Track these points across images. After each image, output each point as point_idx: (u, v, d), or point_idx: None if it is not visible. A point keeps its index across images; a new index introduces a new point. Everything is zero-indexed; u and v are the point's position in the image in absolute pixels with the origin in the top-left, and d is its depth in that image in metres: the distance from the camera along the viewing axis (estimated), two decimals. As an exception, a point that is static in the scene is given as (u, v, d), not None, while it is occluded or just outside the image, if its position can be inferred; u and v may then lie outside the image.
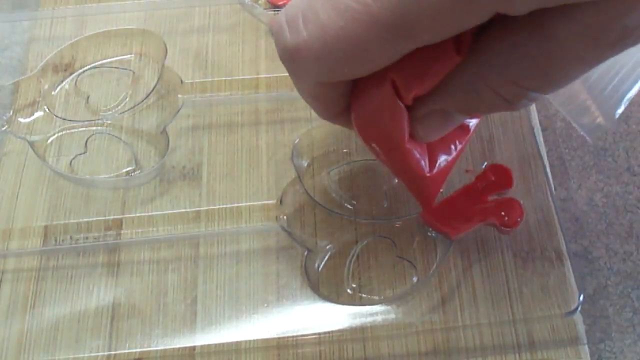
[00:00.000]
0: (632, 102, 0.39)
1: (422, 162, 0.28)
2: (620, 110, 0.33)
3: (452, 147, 0.29)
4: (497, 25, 0.22)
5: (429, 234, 0.34)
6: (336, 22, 0.21)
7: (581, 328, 0.32)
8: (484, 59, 0.23)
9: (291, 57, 0.24)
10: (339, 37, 0.22)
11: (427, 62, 0.24)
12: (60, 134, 0.37)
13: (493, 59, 0.23)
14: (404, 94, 0.25)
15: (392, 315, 0.32)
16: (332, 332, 0.32)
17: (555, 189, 0.36)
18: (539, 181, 0.35)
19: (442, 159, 0.29)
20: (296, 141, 0.35)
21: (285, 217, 0.34)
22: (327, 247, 0.34)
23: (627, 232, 0.35)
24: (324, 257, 0.33)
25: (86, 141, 0.37)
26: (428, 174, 0.28)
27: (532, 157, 0.36)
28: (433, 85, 0.25)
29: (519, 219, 0.33)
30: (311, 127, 0.36)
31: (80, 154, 0.37)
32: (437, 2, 0.20)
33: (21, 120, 0.37)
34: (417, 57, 0.23)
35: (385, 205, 0.35)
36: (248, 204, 0.35)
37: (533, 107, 0.38)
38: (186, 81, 0.38)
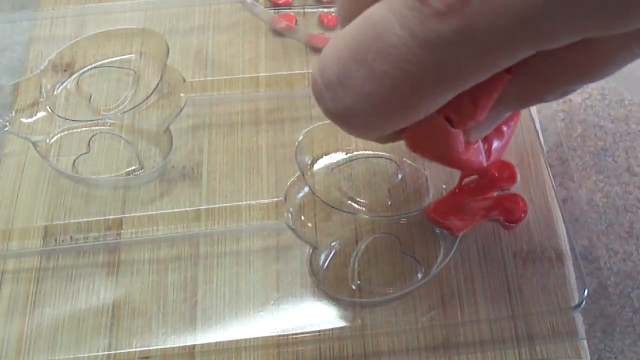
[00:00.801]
0: (632, 103, 0.39)
1: (480, 158, 0.28)
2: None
3: (505, 128, 0.29)
4: None
5: (434, 230, 0.34)
6: (378, 90, 0.20)
7: (581, 328, 0.32)
8: (531, 71, 0.23)
9: (336, 120, 0.23)
10: (382, 103, 0.21)
11: (478, 91, 0.23)
12: (62, 134, 0.38)
13: (540, 70, 0.23)
14: (459, 126, 0.25)
15: (393, 312, 0.32)
16: (333, 329, 0.32)
17: (555, 189, 0.36)
18: (539, 181, 0.35)
19: (497, 144, 0.29)
20: (300, 139, 0.35)
21: (290, 214, 0.34)
22: (332, 244, 0.34)
23: (627, 232, 0.35)
24: (329, 254, 0.34)
25: (89, 141, 0.37)
26: (486, 164, 0.29)
27: (532, 157, 0.36)
28: (487, 111, 0.24)
29: (522, 214, 0.33)
30: (314, 126, 0.36)
31: (83, 154, 0.37)
32: (477, 59, 0.19)
33: (23, 120, 0.37)
34: (468, 89, 0.22)
35: (388, 202, 0.35)
36: (248, 202, 0.35)
37: (533, 107, 0.38)
38: (188, 80, 0.38)
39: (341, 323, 0.32)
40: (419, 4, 0.18)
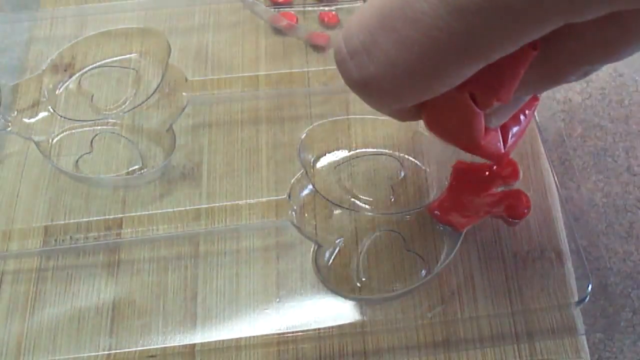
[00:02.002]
0: (632, 103, 0.39)
1: (498, 145, 0.28)
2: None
3: (522, 117, 0.29)
4: None
5: (437, 227, 0.34)
6: (405, 57, 0.20)
7: (580, 326, 0.32)
8: (557, 48, 0.23)
9: (359, 89, 0.23)
10: (409, 70, 0.21)
11: (505, 67, 0.23)
12: (65, 133, 0.38)
13: (565, 47, 0.23)
14: (482, 105, 0.24)
15: (393, 309, 0.32)
16: (332, 327, 0.32)
17: (559, 189, 0.36)
18: (539, 181, 0.35)
19: (514, 130, 0.29)
20: (302, 137, 0.35)
21: (294, 212, 0.34)
22: (337, 241, 0.34)
23: (627, 232, 0.35)
24: (334, 252, 0.34)
25: (91, 140, 0.37)
26: (503, 151, 0.28)
27: (533, 157, 0.36)
28: (513, 89, 0.24)
29: (526, 210, 0.33)
30: (316, 124, 0.36)
31: (86, 154, 0.37)
32: (505, 28, 0.19)
33: (25, 120, 0.38)
34: (494, 65, 0.21)
35: (391, 199, 0.35)
36: (248, 201, 0.35)
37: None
38: (190, 79, 0.38)
39: (341, 321, 0.32)
40: None
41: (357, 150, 0.36)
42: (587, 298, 0.32)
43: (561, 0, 0.18)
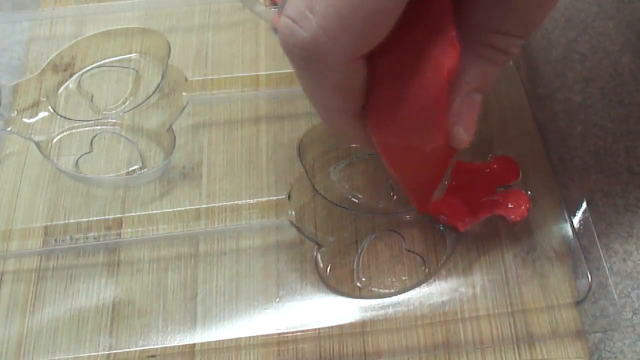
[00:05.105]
0: (632, 102, 0.39)
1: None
2: None
3: None
4: None
5: (437, 227, 0.34)
6: None
7: (580, 326, 0.32)
8: (474, 21, 0.25)
9: (310, 49, 0.23)
10: (353, 8, 0.21)
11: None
12: (65, 133, 0.38)
13: (481, 18, 0.25)
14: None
15: (393, 309, 0.32)
16: (332, 327, 0.32)
17: (558, 189, 0.36)
18: (539, 181, 0.35)
19: None
20: (302, 137, 0.35)
21: (294, 212, 0.34)
22: (336, 241, 0.34)
23: (627, 232, 0.35)
24: (333, 252, 0.34)
25: (91, 140, 0.37)
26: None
27: (533, 157, 0.36)
28: None
29: (525, 210, 0.33)
30: (316, 124, 0.36)
31: (86, 153, 0.37)
32: None
33: (25, 120, 0.38)
34: None
35: (392, 199, 0.35)
36: (248, 201, 0.35)
37: (533, 107, 0.38)
38: (190, 79, 0.38)
39: (341, 321, 0.32)
40: None
41: (357, 151, 0.36)
42: (587, 298, 0.32)
43: None
